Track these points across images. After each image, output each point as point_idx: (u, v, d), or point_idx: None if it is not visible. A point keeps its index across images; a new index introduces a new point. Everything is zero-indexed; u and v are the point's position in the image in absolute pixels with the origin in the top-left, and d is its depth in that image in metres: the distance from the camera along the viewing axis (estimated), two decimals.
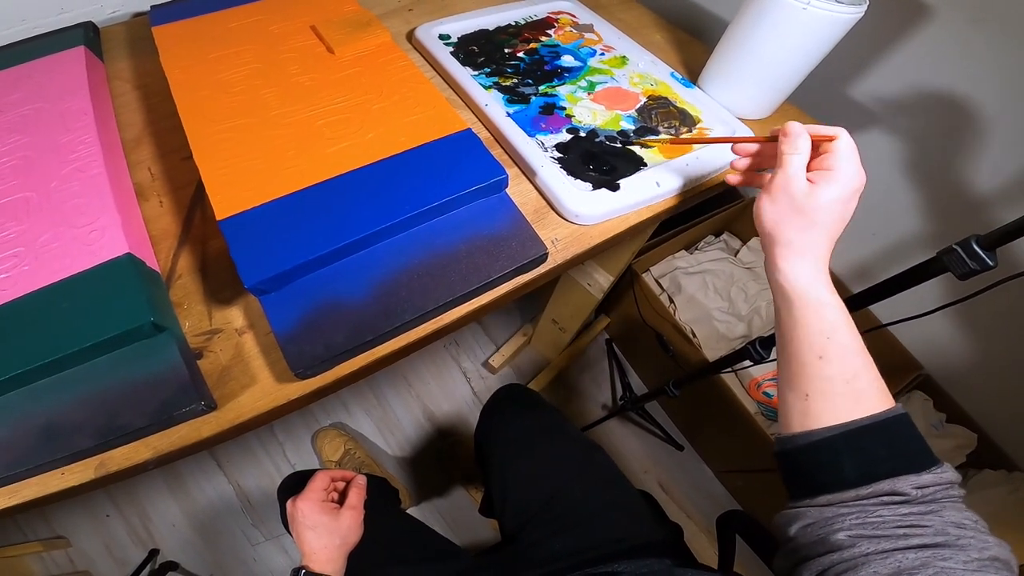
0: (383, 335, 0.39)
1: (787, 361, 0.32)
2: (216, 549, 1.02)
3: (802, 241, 0.33)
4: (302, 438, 1.08)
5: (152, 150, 0.47)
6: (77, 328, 0.35)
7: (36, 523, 1.00)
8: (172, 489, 1.04)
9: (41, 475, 0.35)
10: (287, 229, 0.38)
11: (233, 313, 0.40)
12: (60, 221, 0.38)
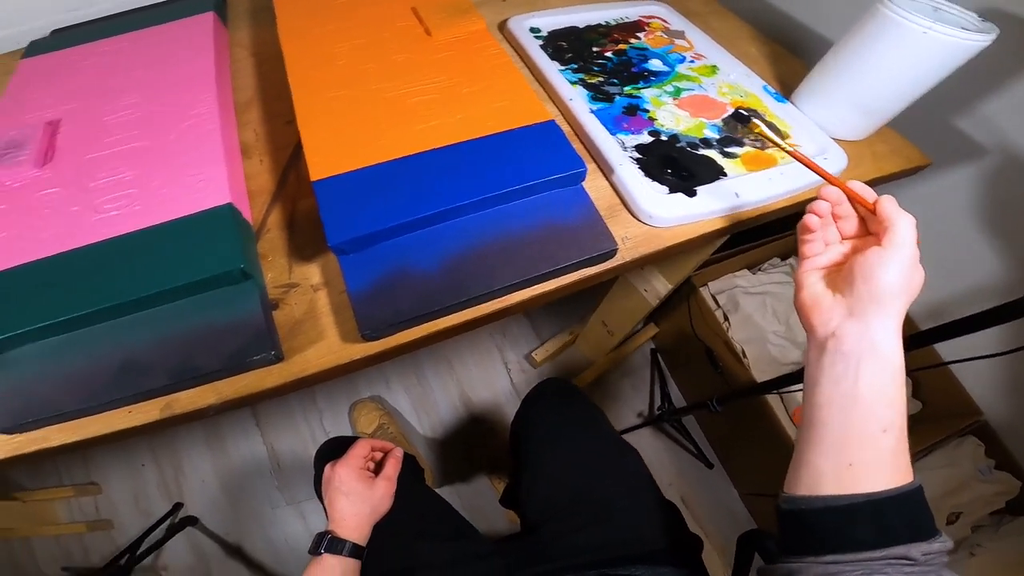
0: (449, 307, 0.39)
1: (840, 429, 0.29)
2: (238, 508, 1.06)
3: (903, 308, 0.30)
4: (341, 408, 1.11)
5: (259, 113, 0.50)
6: (173, 267, 0.37)
7: (74, 467, 1.08)
8: (210, 444, 1.09)
9: (109, 412, 0.37)
10: (374, 195, 0.39)
11: (311, 270, 0.42)
12: (172, 170, 0.41)
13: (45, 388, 0.36)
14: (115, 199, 0.40)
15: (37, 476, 1.06)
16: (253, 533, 1.05)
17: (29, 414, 0.35)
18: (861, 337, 0.29)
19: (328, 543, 0.46)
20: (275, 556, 1.04)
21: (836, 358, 0.29)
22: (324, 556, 0.45)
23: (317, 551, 0.46)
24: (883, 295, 0.29)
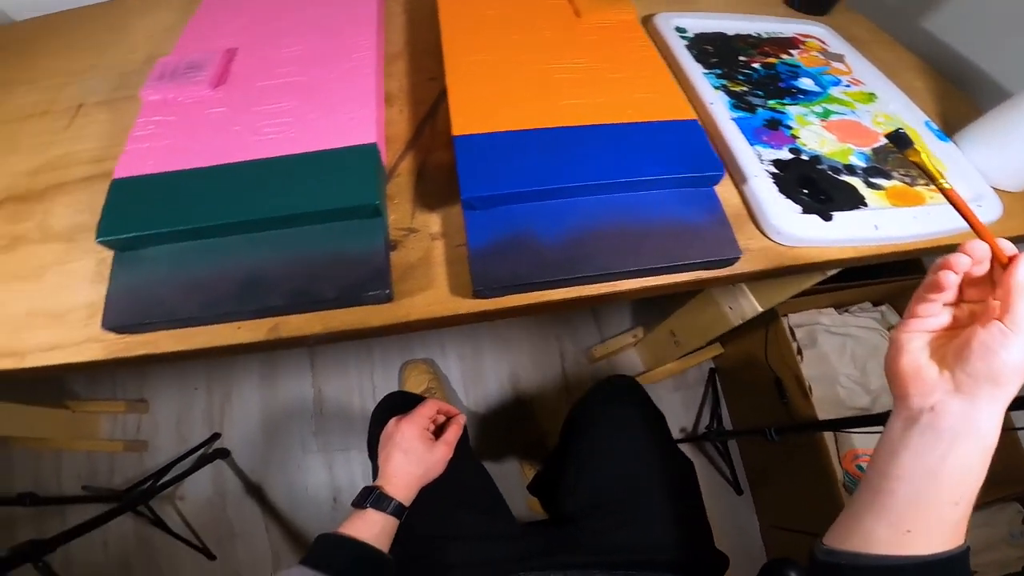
0: (562, 281, 0.42)
1: (908, 501, 0.29)
2: (270, 447, 1.12)
3: (1016, 389, 0.28)
4: (394, 365, 1.17)
5: (405, 67, 0.56)
6: (314, 193, 0.42)
7: (129, 382, 1.18)
8: (263, 378, 1.17)
9: (220, 325, 0.42)
10: (510, 159, 0.43)
11: (432, 219, 0.46)
12: (327, 106, 0.47)
13: (168, 292, 0.42)
14: (273, 125, 0.46)
15: (93, 386, 1.17)
16: (277, 475, 1.11)
17: (147, 315, 0.41)
18: (964, 417, 0.28)
19: (375, 498, 0.47)
20: (291, 502, 1.10)
21: (928, 434, 0.29)
22: (368, 511, 0.47)
23: (362, 504, 0.47)
24: (1001, 377, 0.27)
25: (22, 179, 0.51)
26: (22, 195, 0.50)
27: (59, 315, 0.44)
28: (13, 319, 0.45)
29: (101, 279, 0.45)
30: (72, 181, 0.51)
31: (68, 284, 0.46)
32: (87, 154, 0.52)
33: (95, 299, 0.45)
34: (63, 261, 0.47)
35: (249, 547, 1.08)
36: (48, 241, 0.48)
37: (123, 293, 0.42)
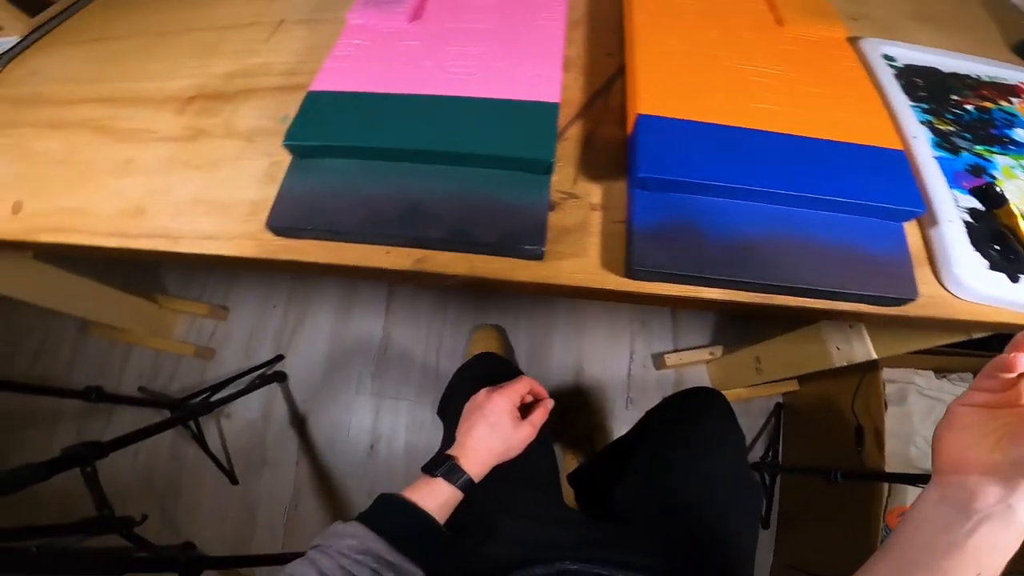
0: (720, 281, 0.43)
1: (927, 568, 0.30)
2: (326, 380, 1.20)
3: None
4: (465, 324, 1.22)
5: (583, 38, 0.59)
6: (492, 138, 0.46)
7: (218, 289, 1.28)
8: (339, 309, 1.25)
9: (371, 246, 0.47)
10: (693, 148, 0.45)
11: (593, 189, 0.49)
12: (514, 59, 0.51)
13: (334, 204, 0.47)
14: (461, 66, 0.51)
15: (184, 285, 1.29)
16: (324, 410, 1.19)
17: (310, 222, 0.46)
18: (1000, 500, 0.29)
19: (447, 469, 0.48)
20: (329, 441, 1.17)
21: (962, 512, 0.30)
22: (437, 480, 0.47)
23: (433, 472, 0.47)
24: None
25: (217, 80, 0.59)
26: (213, 94, 0.58)
27: (223, 207, 0.50)
28: (178, 203, 0.51)
29: (270, 181, 0.51)
30: (262, 88, 0.57)
31: (238, 180, 0.52)
32: (280, 66, 0.59)
33: (260, 199, 0.50)
34: (238, 158, 0.53)
35: (274, 478, 1.16)
36: (229, 138, 0.54)
37: (292, 197, 0.47)
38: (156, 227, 0.50)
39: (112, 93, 0.59)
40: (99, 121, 0.57)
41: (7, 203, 0.54)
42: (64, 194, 0.53)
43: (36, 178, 0.54)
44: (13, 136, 0.58)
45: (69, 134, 0.56)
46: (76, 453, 0.66)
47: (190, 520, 1.15)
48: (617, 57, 0.57)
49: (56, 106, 0.59)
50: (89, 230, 0.51)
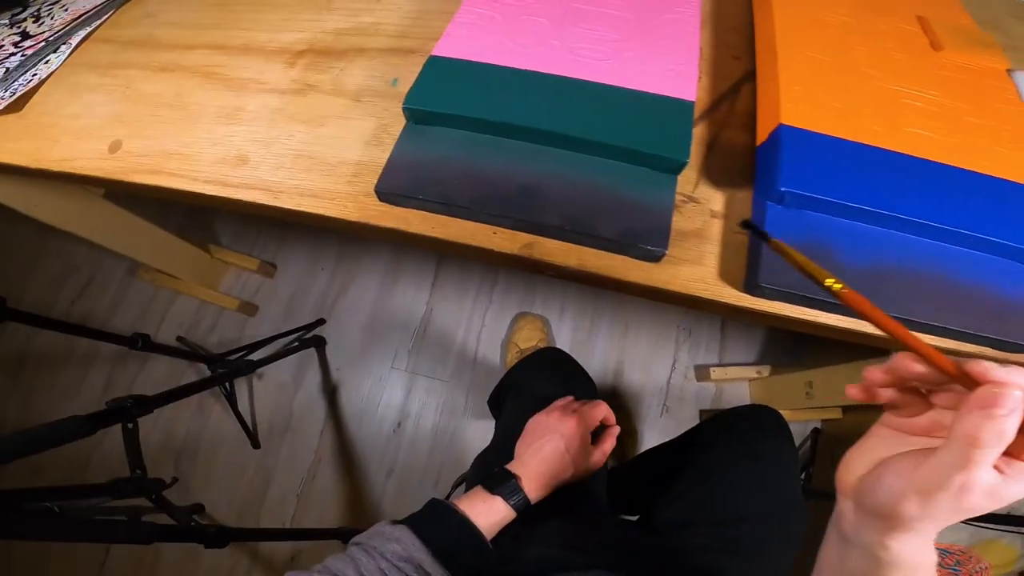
0: (838, 304, 0.40)
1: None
2: (363, 350, 1.18)
3: (933, 525, 0.27)
4: (509, 310, 1.20)
5: (708, 38, 0.56)
6: (622, 129, 0.44)
7: (269, 244, 1.28)
8: (385, 280, 1.23)
9: (479, 224, 0.45)
10: (839, 167, 0.42)
11: (715, 195, 0.46)
12: (647, 50, 0.48)
13: (446, 175, 0.45)
14: (590, 49, 0.48)
15: (237, 238, 1.29)
16: (356, 380, 1.18)
17: (419, 190, 0.44)
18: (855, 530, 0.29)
19: (510, 489, 0.46)
20: (357, 413, 1.16)
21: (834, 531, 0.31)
22: (496, 498, 0.45)
23: (493, 489, 0.46)
24: (874, 509, 0.28)
25: (328, 36, 0.57)
26: (324, 50, 0.56)
27: (327, 165, 0.49)
28: (280, 156, 0.50)
29: (377, 144, 0.49)
30: (372, 49, 0.55)
31: (344, 139, 0.50)
32: (391, 28, 0.57)
33: (365, 160, 0.49)
34: (345, 116, 0.51)
35: (296, 446, 1.15)
36: (337, 96, 0.53)
37: (403, 163, 0.46)
38: (256, 178, 0.49)
39: (225, 41, 0.58)
40: (210, 68, 0.56)
41: (105, 141, 0.53)
42: (166, 137, 0.52)
43: (139, 119, 0.54)
44: (120, 77, 0.57)
45: (179, 78, 0.55)
46: (122, 407, 0.63)
47: (203, 479, 1.15)
48: (744, 60, 0.54)
49: (168, 50, 0.58)
50: (187, 175, 0.50)
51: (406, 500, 1.09)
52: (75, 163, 0.52)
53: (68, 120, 0.54)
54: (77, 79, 0.57)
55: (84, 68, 0.58)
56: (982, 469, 0.24)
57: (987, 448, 0.24)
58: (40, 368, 1.24)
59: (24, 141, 0.54)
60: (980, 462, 0.24)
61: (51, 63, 0.56)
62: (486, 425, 1.12)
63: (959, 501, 0.24)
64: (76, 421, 0.57)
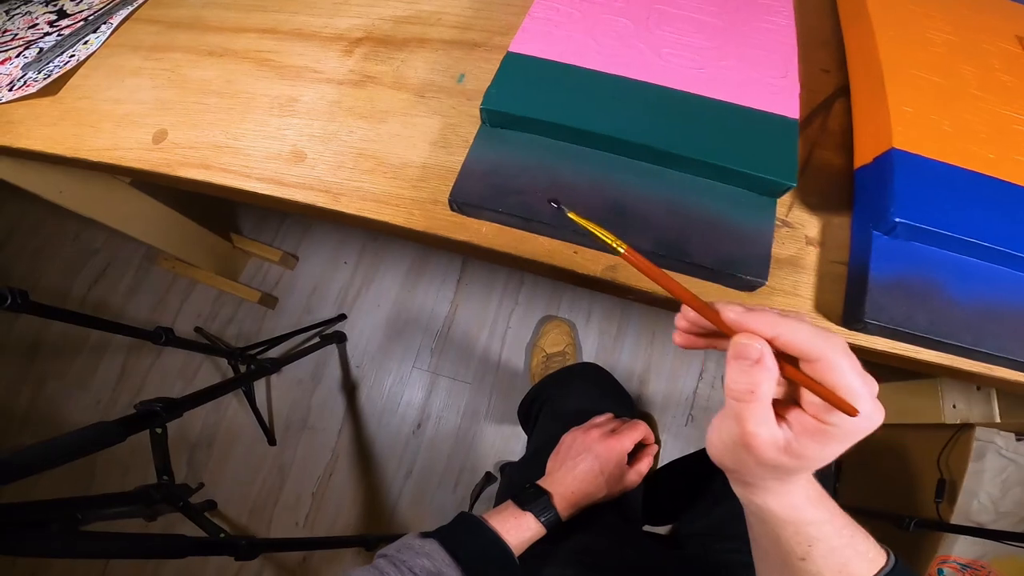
0: (953, 347, 0.38)
1: (759, 555, 0.33)
2: (384, 348, 1.15)
3: (776, 485, 0.28)
4: (535, 312, 1.18)
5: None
6: (722, 147, 0.40)
7: (290, 235, 1.24)
8: (409, 275, 1.20)
9: (559, 241, 0.42)
10: (954, 198, 0.39)
11: (810, 220, 0.43)
12: (742, 60, 0.45)
13: (527, 186, 0.41)
14: (679, 56, 0.45)
15: (259, 227, 1.25)
16: (377, 379, 1.15)
17: (496, 202, 0.41)
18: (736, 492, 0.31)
19: (542, 506, 0.45)
20: (376, 412, 1.13)
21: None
22: (527, 515, 0.45)
23: (524, 506, 0.45)
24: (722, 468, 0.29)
25: (386, 24, 0.53)
26: (382, 38, 0.52)
27: (391, 167, 0.45)
28: (340, 154, 0.46)
29: (444, 145, 0.46)
30: (434, 40, 0.52)
31: (408, 138, 0.47)
32: (453, 18, 0.53)
33: (432, 163, 0.45)
34: (408, 113, 0.48)
35: (313, 444, 1.12)
36: (399, 89, 0.49)
37: (480, 170, 0.42)
38: (315, 178, 0.45)
39: (277, 24, 0.53)
40: (262, 53, 0.52)
41: (149, 130, 0.49)
42: (214, 127, 0.48)
43: (185, 108, 0.50)
44: (164, 61, 0.53)
45: (228, 63, 0.51)
46: (152, 411, 0.60)
47: (216, 474, 1.12)
48: (834, 75, 0.51)
49: (216, 32, 0.54)
50: (239, 171, 0.46)
51: (424, 502, 1.06)
52: (116, 153, 0.48)
53: (109, 105, 0.50)
54: (119, 61, 0.53)
55: (126, 50, 0.54)
56: (751, 423, 0.24)
57: (745, 402, 0.24)
58: (54, 355, 1.21)
59: (60, 127, 0.50)
60: (746, 417, 0.24)
61: (90, 44, 0.52)
62: (508, 430, 1.09)
63: (755, 457, 0.25)
64: (104, 427, 0.53)
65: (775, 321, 0.24)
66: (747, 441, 0.24)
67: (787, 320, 0.24)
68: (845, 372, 0.23)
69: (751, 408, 0.24)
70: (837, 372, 0.23)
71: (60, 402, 1.18)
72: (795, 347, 0.24)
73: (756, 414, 0.24)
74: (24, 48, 0.51)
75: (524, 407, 0.75)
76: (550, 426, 0.64)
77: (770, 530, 0.30)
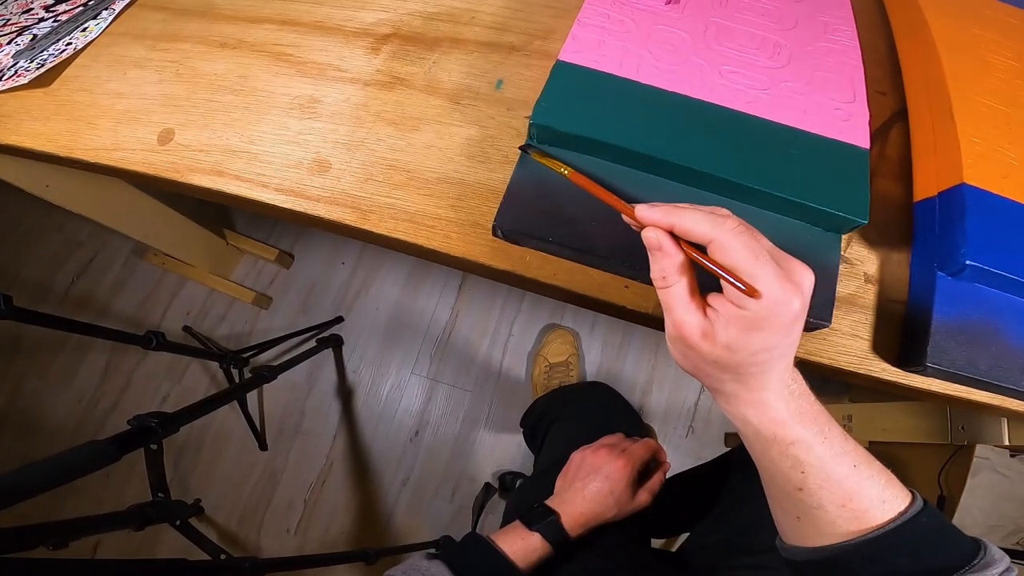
0: (1012, 391, 0.37)
1: (766, 486, 0.32)
2: (382, 353, 1.12)
3: (740, 389, 0.28)
4: (538, 321, 1.14)
5: None
6: (787, 177, 0.37)
7: (286, 234, 1.18)
8: (409, 280, 1.16)
9: (612, 275, 0.39)
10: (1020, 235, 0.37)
11: (868, 256, 0.41)
12: (805, 80, 0.42)
13: (580, 213, 0.38)
14: (740, 75, 0.42)
15: (254, 223, 1.19)
16: (374, 384, 1.11)
17: (546, 230, 0.38)
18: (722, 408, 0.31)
19: (549, 526, 0.45)
20: (372, 418, 1.10)
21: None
22: (535, 535, 0.44)
23: (531, 525, 0.45)
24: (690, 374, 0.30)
25: (416, 20, 0.49)
26: (412, 36, 0.48)
27: (424, 182, 0.42)
28: (369, 165, 0.42)
29: (483, 159, 0.42)
30: (469, 41, 0.48)
31: (443, 150, 0.43)
32: (490, 18, 0.49)
33: (470, 180, 0.42)
34: (442, 121, 0.44)
35: (306, 450, 1.08)
36: (431, 94, 0.45)
37: (526, 193, 0.39)
38: (340, 191, 0.41)
39: (296, 15, 0.49)
40: (279, 47, 0.47)
41: (154, 130, 0.44)
42: (227, 129, 0.44)
43: (194, 105, 0.45)
44: (172, 52, 0.48)
45: (242, 57, 0.47)
46: (147, 427, 0.56)
47: (204, 477, 1.07)
48: (891, 98, 0.48)
49: (229, 22, 0.49)
50: (256, 179, 0.42)
51: (420, 511, 1.03)
52: (117, 154, 0.43)
53: (109, 99, 0.45)
54: (121, 51, 0.48)
55: (129, 39, 0.49)
56: (676, 311, 0.27)
57: (661, 288, 0.27)
58: (35, 352, 1.14)
59: (53, 122, 0.45)
60: (670, 305, 0.27)
61: (89, 31, 0.47)
62: (507, 439, 1.07)
63: (693, 350, 0.26)
64: (97, 447, 0.49)
65: (670, 211, 0.27)
66: (679, 332, 0.27)
67: (680, 209, 0.26)
68: (734, 252, 0.24)
69: (670, 294, 0.27)
70: (728, 253, 0.24)
71: (41, 400, 1.11)
72: (688, 233, 0.26)
73: (676, 299, 0.27)
74: (16, 34, 0.46)
75: (529, 422, 0.73)
76: (558, 445, 0.63)
77: (760, 453, 0.29)
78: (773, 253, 0.25)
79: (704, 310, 0.26)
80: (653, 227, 0.27)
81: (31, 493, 0.45)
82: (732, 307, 0.25)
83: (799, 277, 0.25)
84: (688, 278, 0.27)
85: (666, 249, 0.26)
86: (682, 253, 0.27)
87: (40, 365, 1.12)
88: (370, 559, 0.80)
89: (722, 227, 0.25)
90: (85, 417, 1.09)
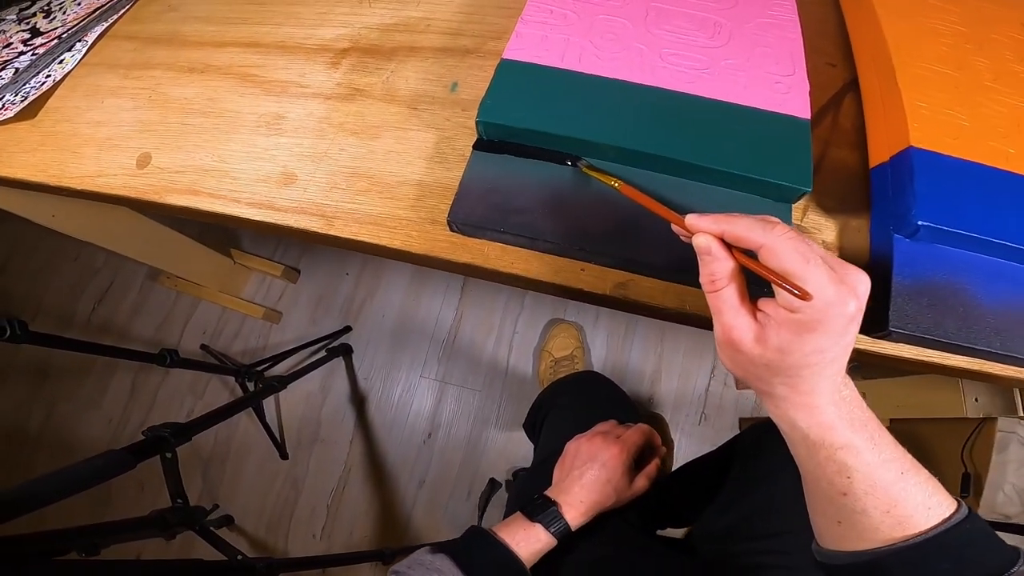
0: (980, 351, 0.35)
1: (807, 489, 0.31)
2: (389, 359, 1.13)
3: (791, 393, 0.27)
4: (541, 317, 1.14)
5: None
6: (737, 152, 0.37)
7: (291, 250, 1.21)
8: (412, 285, 1.17)
9: (567, 259, 0.39)
10: (976, 197, 0.36)
11: (826, 225, 0.40)
12: (746, 58, 0.42)
13: (529, 203, 0.38)
14: (681, 57, 0.42)
15: (259, 241, 1.22)
16: (385, 389, 1.12)
17: (499, 221, 0.38)
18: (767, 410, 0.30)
19: (550, 517, 0.45)
20: (387, 423, 1.11)
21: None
22: (537, 526, 0.44)
23: (533, 516, 0.45)
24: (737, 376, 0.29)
25: (373, 33, 0.50)
26: (369, 48, 0.49)
27: (386, 186, 0.42)
28: (332, 174, 0.43)
29: (440, 160, 0.43)
30: (425, 47, 0.48)
31: (402, 154, 0.44)
32: (444, 24, 0.50)
33: (428, 181, 0.42)
34: (402, 127, 0.45)
35: (325, 457, 1.10)
36: (390, 102, 0.46)
37: (478, 187, 0.39)
38: (307, 200, 0.42)
39: (258, 37, 0.50)
40: (244, 68, 0.48)
41: (132, 154, 0.46)
42: (200, 149, 0.45)
43: (168, 128, 0.47)
44: (144, 79, 0.50)
45: (210, 80, 0.48)
46: (160, 436, 0.59)
47: (231, 489, 1.10)
48: (842, 69, 0.47)
49: (195, 47, 0.51)
50: (228, 195, 0.43)
51: (438, 511, 1.04)
52: (100, 180, 0.45)
53: (90, 128, 0.48)
54: (96, 81, 0.50)
55: (104, 68, 0.51)
56: (726, 315, 0.26)
57: (711, 292, 0.27)
58: (63, 377, 1.18)
59: (41, 153, 0.47)
60: (720, 308, 0.27)
61: (66, 63, 0.49)
62: (519, 436, 1.07)
63: (743, 353, 0.26)
64: (114, 456, 0.52)
65: (720, 219, 0.26)
66: (728, 335, 0.26)
67: (730, 216, 0.26)
68: (784, 256, 0.24)
69: (719, 297, 0.26)
70: (779, 257, 0.24)
71: (73, 422, 1.15)
72: (739, 239, 0.26)
73: (726, 303, 0.26)
74: (0, 69, 0.48)
75: (529, 417, 0.73)
76: (554, 435, 0.63)
77: (805, 457, 0.29)
78: (826, 258, 0.25)
79: (755, 314, 0.26)
80: (703, 234, 0.27)
81: (56, 498, 0.47)
82: (784, 311, 0.25)
83: (853, 280, 0.24)
84: (738, 283, 0.27)
85: (715, 253, 0.26)
86: (732, 258, 0.26)
87: (68, 389, 1.17)
88: (386, 558, 0.81)
89: (772, 232, 0.25)
90: (116, 435, 1.13)
